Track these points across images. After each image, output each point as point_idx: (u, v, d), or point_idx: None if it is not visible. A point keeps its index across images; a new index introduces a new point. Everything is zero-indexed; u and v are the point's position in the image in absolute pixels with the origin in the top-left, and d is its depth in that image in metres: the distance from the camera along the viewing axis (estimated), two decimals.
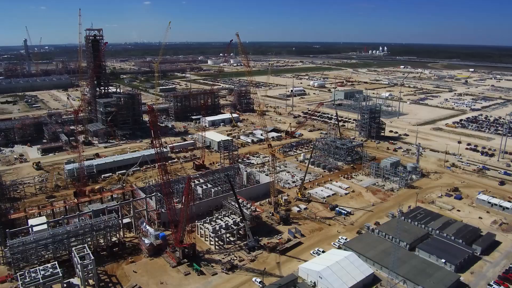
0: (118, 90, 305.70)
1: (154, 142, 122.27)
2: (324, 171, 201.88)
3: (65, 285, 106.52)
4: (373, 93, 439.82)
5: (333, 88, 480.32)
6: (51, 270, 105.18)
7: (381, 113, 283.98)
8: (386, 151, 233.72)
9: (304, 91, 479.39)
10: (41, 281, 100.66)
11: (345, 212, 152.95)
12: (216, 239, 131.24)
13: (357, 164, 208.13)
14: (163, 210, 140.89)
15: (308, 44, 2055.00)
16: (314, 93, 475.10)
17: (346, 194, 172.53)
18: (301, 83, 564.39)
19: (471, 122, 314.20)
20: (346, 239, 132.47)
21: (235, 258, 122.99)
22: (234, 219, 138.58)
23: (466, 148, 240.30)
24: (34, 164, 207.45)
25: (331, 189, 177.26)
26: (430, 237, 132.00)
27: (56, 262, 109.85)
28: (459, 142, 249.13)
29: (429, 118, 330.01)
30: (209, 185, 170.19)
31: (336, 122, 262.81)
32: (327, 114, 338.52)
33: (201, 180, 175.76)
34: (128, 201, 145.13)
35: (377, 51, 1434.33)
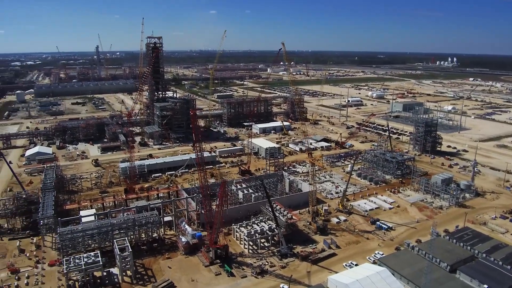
0: (174, 95, 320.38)
1: (194, 145, 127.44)
2: (370, 184, 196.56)
3: (104, 273, 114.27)
4: (435, 106, 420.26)
5: (392, 99, 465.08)
6: (93, 258, 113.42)
7: (439, 127, 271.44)
8: (441, 167, 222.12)
9: (361, 101, 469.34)
10: (83, 267, 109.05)
11: (386, 227, 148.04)
12: (251, 243, 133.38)
13: (407, 178, 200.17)
14: (202, 211, 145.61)
15: (372, 54, 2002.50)
16: (371, 104, 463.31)
17: (390, 208, 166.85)
18: (359, 93, 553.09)
19: None
20: (382, 254, 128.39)
21: (266, 263, 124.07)
22: (270, 225, 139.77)
23: None
24: (93, 161, 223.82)
25: (374, 202, 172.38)
26: (475, 260, 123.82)
27: (98, 252, 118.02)
28: None
29: (494, 134, 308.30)
30: (251, 190, 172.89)
31: (388, 134, 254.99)
32: (382, 126, 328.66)
33: (244, 185, 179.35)
34: (170, 200, 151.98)
35: (446, 62, 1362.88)
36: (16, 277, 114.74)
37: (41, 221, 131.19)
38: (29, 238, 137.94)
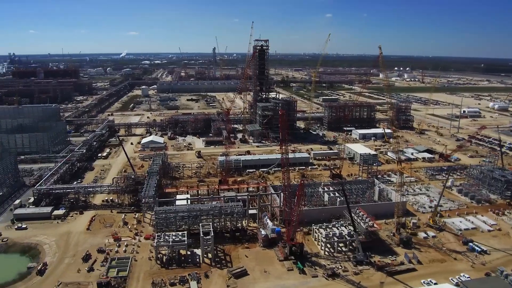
0: (277, 96, 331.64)
1: (281, 146, 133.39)
2: (471, 202, 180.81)
3: (189, 252, 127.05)
4: None
5: None
6: (180, 237, 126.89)
7: None
8: None
9: (480, 113, 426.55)
10: (170, 244, 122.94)
11: (479, 249, 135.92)
12: (328, 246, 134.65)
13: None
14: (286, 208, 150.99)
15: (502, 61, 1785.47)
16: (491, 116, 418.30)
17: (489, 230, 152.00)
18: (479, 103, 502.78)
19: None
20: (468, 277, 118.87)
21: (340, 267, 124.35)
22: (350, 230, 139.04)
23: None
24: (196, 152, 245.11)
25: (472, 222, 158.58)
26: None
27: (186, 232, 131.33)
28: None
29: None
30: (337, 194, 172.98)
31: (500, 150, 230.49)
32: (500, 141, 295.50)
33: (331, 188, 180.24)
34: (256, 194, 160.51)
35: None
36: (117, 244, 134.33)
37: (143, 200, 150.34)
38: (132, 213, 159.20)
